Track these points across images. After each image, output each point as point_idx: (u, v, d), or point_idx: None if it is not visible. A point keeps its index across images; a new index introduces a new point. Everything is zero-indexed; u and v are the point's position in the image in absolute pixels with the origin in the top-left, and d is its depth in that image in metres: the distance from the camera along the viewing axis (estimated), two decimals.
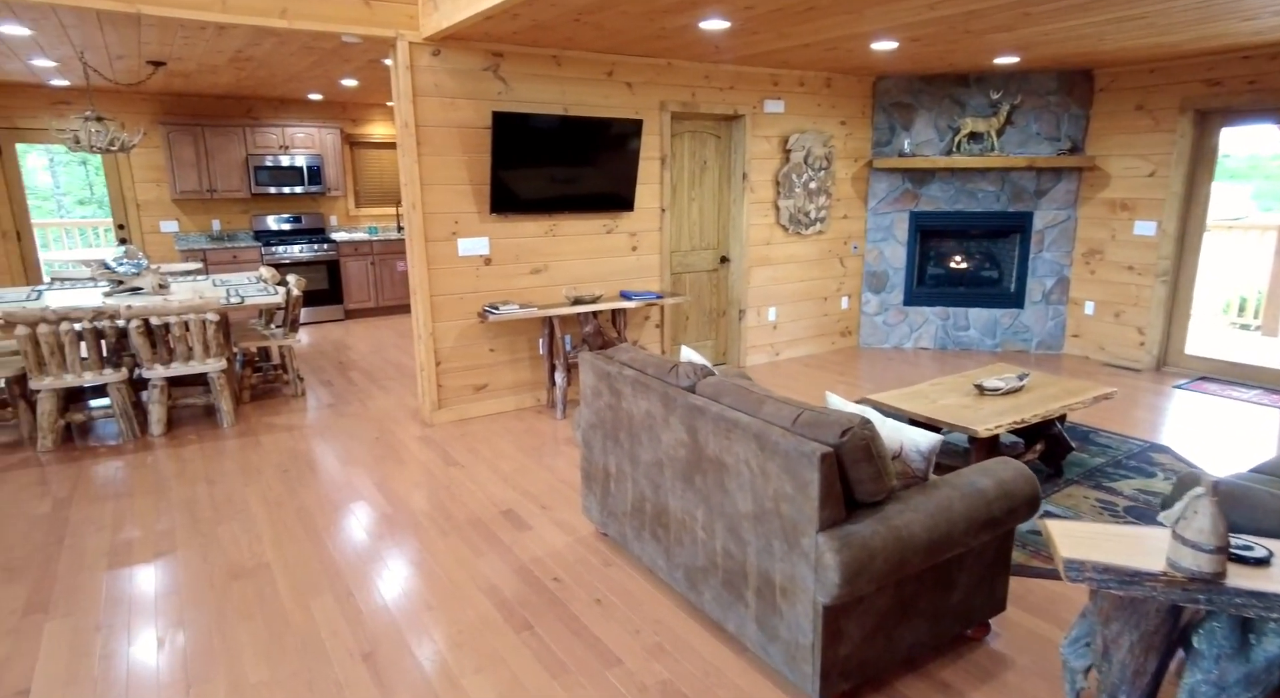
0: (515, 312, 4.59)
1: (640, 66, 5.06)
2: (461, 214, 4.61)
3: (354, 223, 8.67)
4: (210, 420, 4.85)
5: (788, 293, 6.23)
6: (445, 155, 4.49)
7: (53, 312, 4.11)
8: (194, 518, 3.43)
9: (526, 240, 4.88)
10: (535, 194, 4.76)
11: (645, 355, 2.86)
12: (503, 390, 4.98)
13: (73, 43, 4.57)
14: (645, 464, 2.71)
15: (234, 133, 7.51)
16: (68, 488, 3.79)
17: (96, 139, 4.95)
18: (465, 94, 4.48)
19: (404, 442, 4.44)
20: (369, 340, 7.22)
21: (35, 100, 6.80)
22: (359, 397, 5.37)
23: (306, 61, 5.30)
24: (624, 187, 5.09)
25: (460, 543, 3.18)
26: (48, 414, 4.26)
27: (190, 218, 7.69)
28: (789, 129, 5.89)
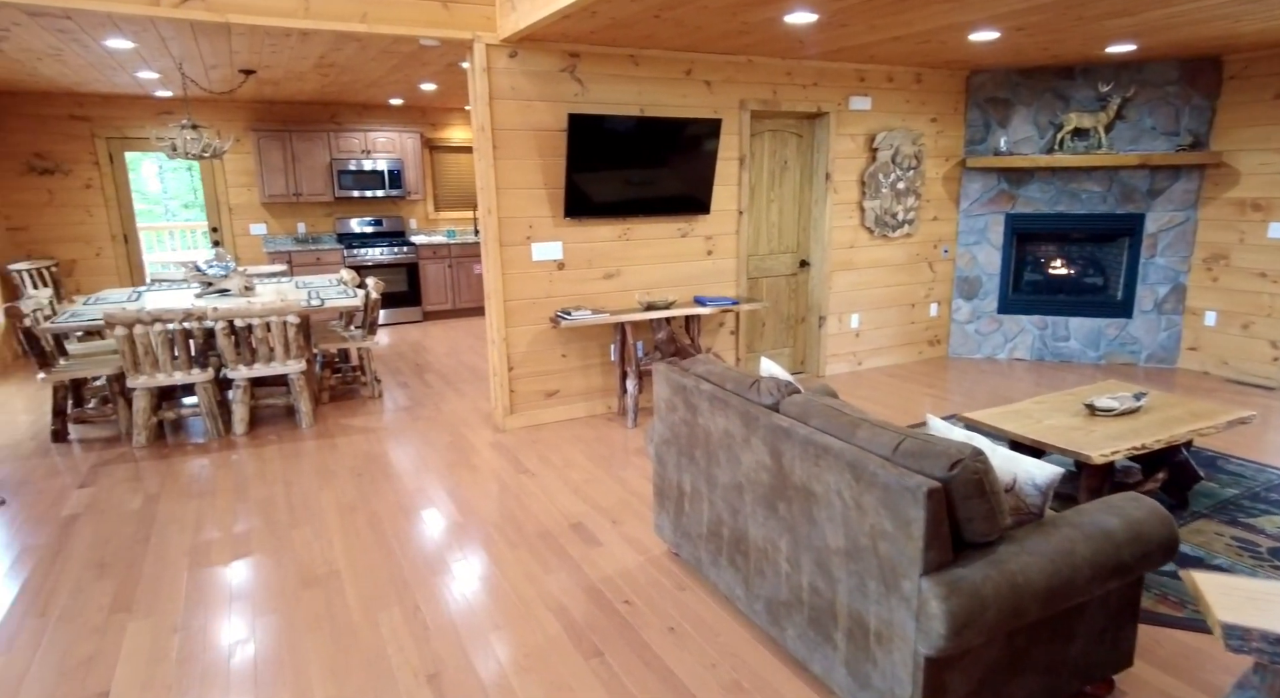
0: (587, 317, 4.49)
1: (719, 64, 4.89)
2: (536, 218, 4.55)
3: (433, 226, 8.81)
4: (290, 420, 4.95)
5: (872, 299, 5.93)
6: (520, 159, 4.43)
7: (147, 313, 4.25)
8: (270, 521, 3.46)
9: (599, 244, 4.77)
10: (609, 197, 4.65)
11: (723, 368, 2.70)
12: (574, 397, 4.89)
13: (171, 54, 4.74)
14: (723, 486, 2.54)
15: (319, 138, 7.73)
16: (157, 484, 3.91)
17: (191, 146, 5.13)
18: (541, 96, 4.41)
19: (476, 447, 4.40)
20: (445, 342, 7.29)
21: (142, 111, 7.16)
22: (434, 399, 5.39)
23: (386, 66, 5.36)
24: (700, 188, 4.92)
25: (529, 557, 3.09)
26: (142, 411, 4.42)
27: (278, 221, 7.96)
28: (876, 127, 5.59)
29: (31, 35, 4.23)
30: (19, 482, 3.96)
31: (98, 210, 7.18)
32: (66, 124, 6.93)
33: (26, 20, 3.89)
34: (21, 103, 6.75)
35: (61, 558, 3.13)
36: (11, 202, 6.87)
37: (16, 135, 6.79)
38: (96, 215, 7.18)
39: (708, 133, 4.79)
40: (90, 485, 3.88)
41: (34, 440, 4.58)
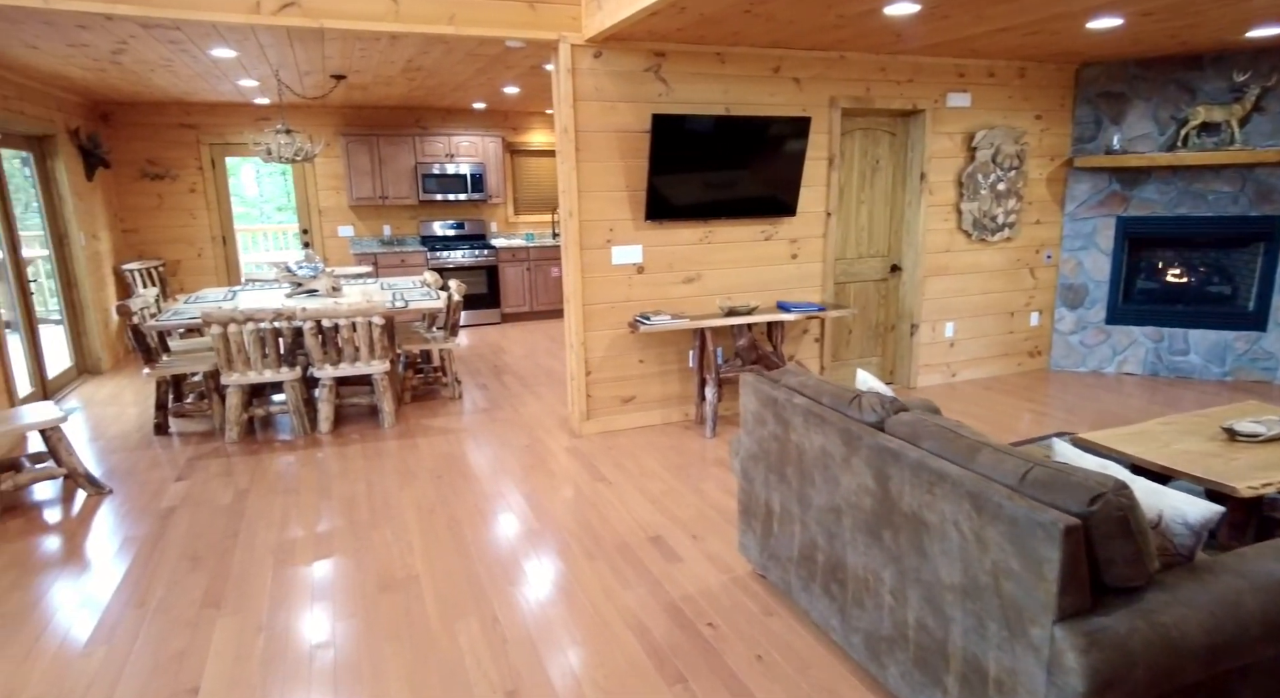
0: (667, 322, 4.38)
1: (809, 61, 4.69)
2: (616, 221, 4.46)
3: (512, 229, 8.89)
4: (373, 420, 5.03)
5: (968, 306, 5.59)
6: (603, 161, 4.36)
7: (240, 312, 4.39)
8: (352, 521, 3.48)
9: (680, 248, 4.65)
10: (691, 199, 4.53)
11: (817, 381, 2.52)
12: (650, 403, 4.79)
13: (269, 61, 4.90)
14: (818, 508, 2.37)
15: (405, 142, 7.91)
16: (247, 479, 4.01)
17: (284, 150, 5.29)
18: (625, 97, 4.33)
19: (553, 452, 4.35)
20: (523, 344, 7.32)
21: (242, 118, 7.49)
22: (511, 402, 5.38)
23: (471, 69, 5.39)
24: (786, 190, 4.73)
25: (607, 570, 2.99)
26: (234, 408, 4.56)
27: (364, 223, 8.19)
28: (975, 125, 5.27)
29: (146, 47, 4.44)
30: (125, 472, 4.14)
31: (200, 213, 7.55)
32: (175, 131, 7.31)
33: (141, 33, 4.07)
34: (138, 113, 7.16)
35: (159, 550, 3.22)
36: (127, 205, 7.30)
37: (133, 143, 7.20)
38: (199, 218, 7.55)
39: (796, 132, 4.60)
40: (186, 479, 4.01)
41: (139, 432, 4.80)
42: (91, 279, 6.28)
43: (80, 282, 6.11)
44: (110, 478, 4.06)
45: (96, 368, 6.31)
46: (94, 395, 5.69)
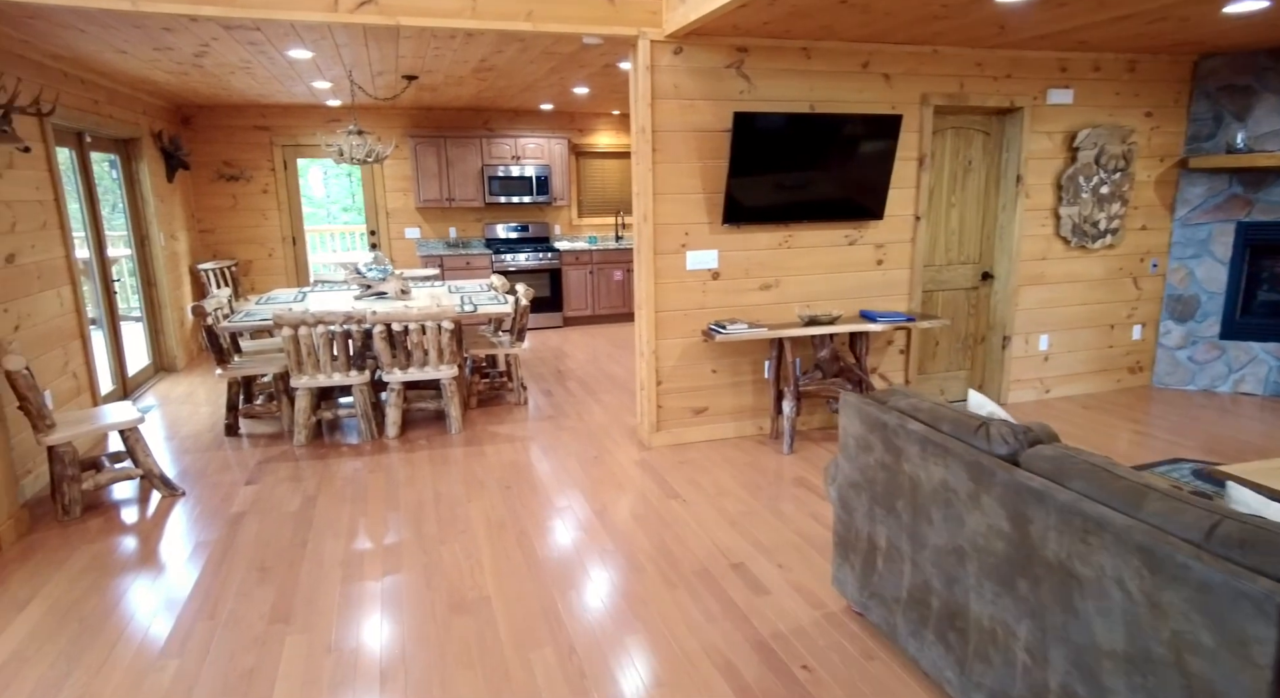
0: (744, 331, 4.16)
1: (900, 56, 4.41)
2: (692, 225, 4.27)
3: (575, 232, 8.79)
4: (440, 425, 4.95)
5: (1064, 318, 5.20)
6: (679, 162, 4.17)
7: (311, 315, 4.35)
8: (420, 534, 3.37)
9: (758, 253, 4.43)
10: (771, 202, 4.30)
11: (934, 405, 2.28)
12: (723, 415, 4.57)
13: (343, 62, 4.87)
14: (935, 548, 2.13)
15: (472, 144, 7.88)
16: (315, 484, 3.96)
17: (356, 151, 5.27)
18: (705, 95, 4.13)
19: (622, 465, 4.18)
20: (585, 349, 7.19)
21: (313, 119, 7.58)
22: (576, 408, 5.24)
23: (544, 68, 5.28)
24: (873, 192, 4.46)
25: (689, 599, 2.79)
26: (303, 411, 4.54)
27: (430, 225, 8.19)
28: (1077, 123, 4.89)
29: (226, 49, 4.45)
30: (197, 474, 4.14)
31: (271, 214, 7.66)
32: (250, 134, 7.44)
33: (223, 34, 4.07)
34: (216, 115, 7.31)
35: (229, 558, 3.17)
36: (204, 206, 7.46)
37: (210, 145, 7.35)
38: (271, 218, 7.67)
39: (886, 130, 4.32)
40: (255, 483, 3.98)
41: (211, 432, 4.83)
42: (169, 278, 6.41)
43: (159, 281, 6.23)
44: (183, 479, 4.06)
45: (172, 366, 6.44)
46: (169, 393, 5.79)
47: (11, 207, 3.94)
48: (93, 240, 5.28)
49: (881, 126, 4.31)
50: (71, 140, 5.09)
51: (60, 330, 4.39)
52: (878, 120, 4.29)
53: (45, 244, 4.29)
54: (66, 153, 5.09)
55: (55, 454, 3.51)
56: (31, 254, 4.11)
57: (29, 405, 3.42)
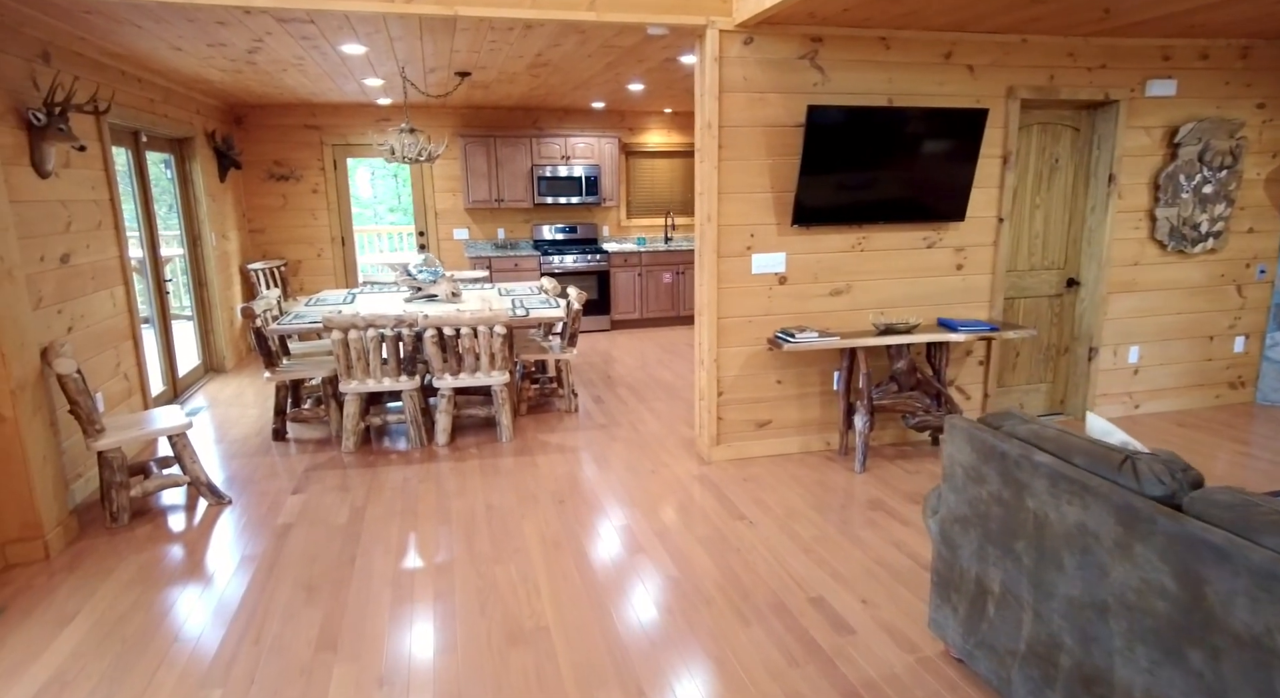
0: (814, 340, 3.89)
1: (986, 45, 4.09)
2: (759, 227, 4.02)
3: (624, 233, 8.59)
4: (489, 432, 4.78)
5: (1157, 328, 4.81)
6: (747, 159, 3.92)
7: (361, 318, 4.22)
8: (472, 552, 3.19)
9: (828, 256, 4.15)
10: (845, 202, 4.02)
11: (1061, 433, 1.99)
12: (787, 429, 4.30)
13: (396, 57, 4.74)
14: (1067, 599, 1.84)
15: (521, 144, 7.73)
16: (363, 494, 3.81)
17: (409, 150, 5.14)
18: (776, 87, 3.88)
19: (681, 480, 3.94)
20: (634, 353, 6.98)
21: (364, 119, 7.52)
22: (629, 417, 5.02)
23: (600, 63, 5.08)
24: (955, 192, 4.15)
25: (766, 639, 2.55)
26: (352, 417, 4.41)
27: (479, 226, 8.08)
28: (1179, 117, 4.50)
29: (280, 45, 4.35)
30: (245, 480, 4.03)
31: (321, 214, 7.62)
32: (301, 133, 7.41)
33: (276, 28, 3.96)
34: (267, 115, 7.29)
35: (275, 574, 3.03)
36: (254, 206, 7.45)
37: (261, 145, 7.34)
38: (320, 218, 7.63)
39: (970, 126, 4.01)
40: (302, 492, 3.85)
41: (258, 436, 4.74)
42: (220, 278, 6.38)
43: (210, 281, 6.21)
44: (230, 485, 3.96)
45: (221, 367, 6.41)
46: (218, 395, 5.74)
47: (67, 206, 3.89)
48: (146, 240, 5.25)
49: (965, 121, 4.00)
50: (128, 140, 5.06)
51: (113, 331, 4.33)
52: (961, 115, 3.98)
53: (100, 244, 4.24)
54: (123, 152, 5.06)
55: (104, 460, 3.42)
56: (86, 254, 4.06)
57: (79, 410, 3.33)
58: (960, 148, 4.06)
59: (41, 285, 3.56)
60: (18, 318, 3.12)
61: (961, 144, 4.05)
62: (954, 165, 4.09)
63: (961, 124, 4.01)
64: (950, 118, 3.98)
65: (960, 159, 4.08)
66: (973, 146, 4.07)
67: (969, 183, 4.14)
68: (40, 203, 3.62)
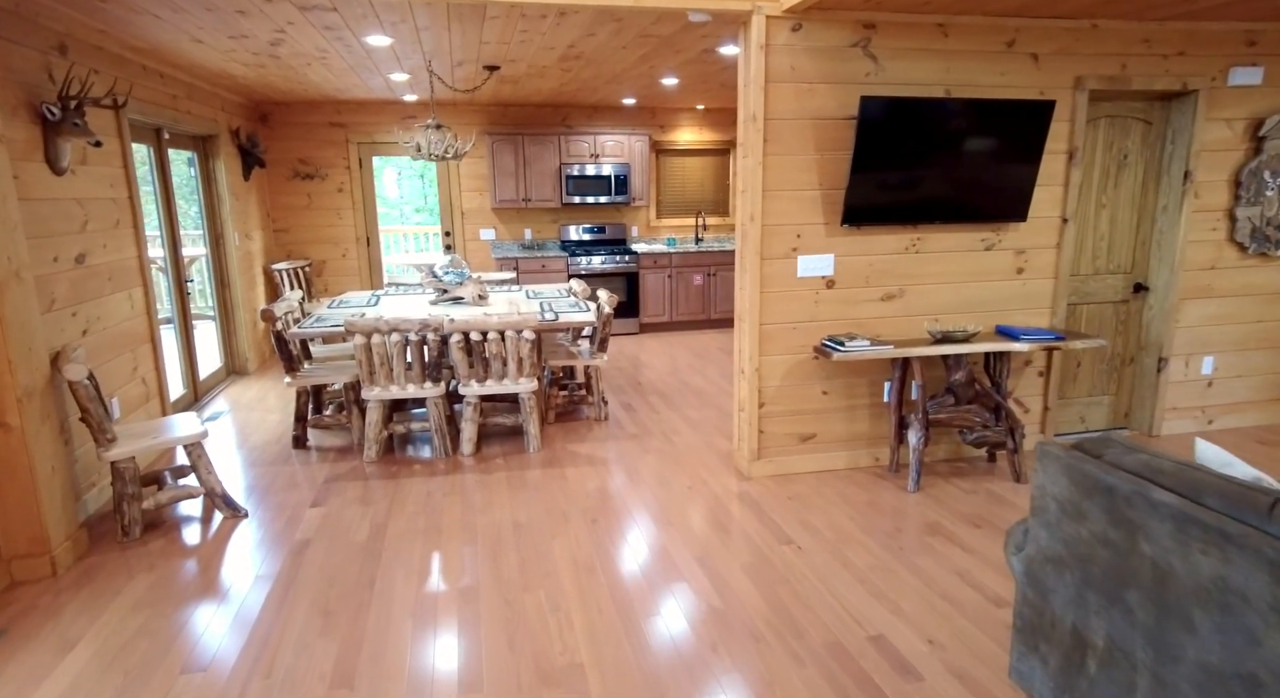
0: (867, 349, 3.62)
1: (1053, 32, 3.79)
2: (805, 227, 3.76)
3: (653, 234, 8.35)
4: (516, 441, 4.57)
5: (1235, 337, 4.46)
6: (794, 155, 3.66)
7: (385, 322, 4.03)
8: (499, 576, 2.97)
9: (880, 258, 3.88)
10: (898, 200, 3.74)
11: (1182, 466, 1.71)
12: (833, 443, 4.04)
13: (423, 49, 4.55)
14: (1200, 665, 1.57)
15: (549, 142, 7.53)
16: (384, 508, 3.61)
17: (435, 147, 4.95)
18: (825, 77, 3.61)
19: (721, 499, 3.69)
20: (663, 358, 6.74)
21: (388, 116, 7.37)
22: (661, 427, 4.78)
23: (634, 55, 4.84)
24: (1017, 190, 3.85)
25: (824, 684, 2.29)
26: (374, 425, 4.22)
27: (505, 226, 7.89)
28: (1264, 108, 4.15)
29: (303, 36, 4.18)
30: (263, 491, 3.86)
31: (346, 213, 7.49)
32: (326, 131, 7.27)
33: (299, 18, 3.78)
34: (292, 112, 7.17)
35: (290, 597, 2.83)
36: (279, 205, 7.33)
37: (286, 143, 7.22)
38: (345, 218, 7.49)
39: (1035, 119, 3.71)
40: (322, 505, 3.67)
41: (278, 444, 4.58)
42: (243, 279, 6.25)
43: (233, 281, 6.08)
44: (248, 496, 3.79)
45: (243, 369, 6.29)
46: (240, 398, 5.60)
47: (84, 204, 3.74)
48: (168, 240, 5.12)
49: (1030, 114, 3.70)
50: (150, 137, 4.93)
51: (130, 334, 4.19)
52: (1026, 107, 3.68)
53: (117, 244, 4.10)
54: (145, 149, 4.93)
55: (116, 470, 3.26)
56: (103, 254, 3.92)
57: (90, 418, 3.17)
58: (1024, 143, 3.76)
59: (54, 287, 3.41)
60: (26, 322, 2.97)
61: (1025, 139, 3.75)
62: (1016, 162, 3.79)
63: (1026, 117, 3.71)
64: (1014, 110, 3.68)
65: (1023, 155, 3.78)
66: (1037, 142, 3.76)
67: (1032, 181, 3.84)
68: (55, 201, 3.48)
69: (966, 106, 3.64)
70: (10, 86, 3.20)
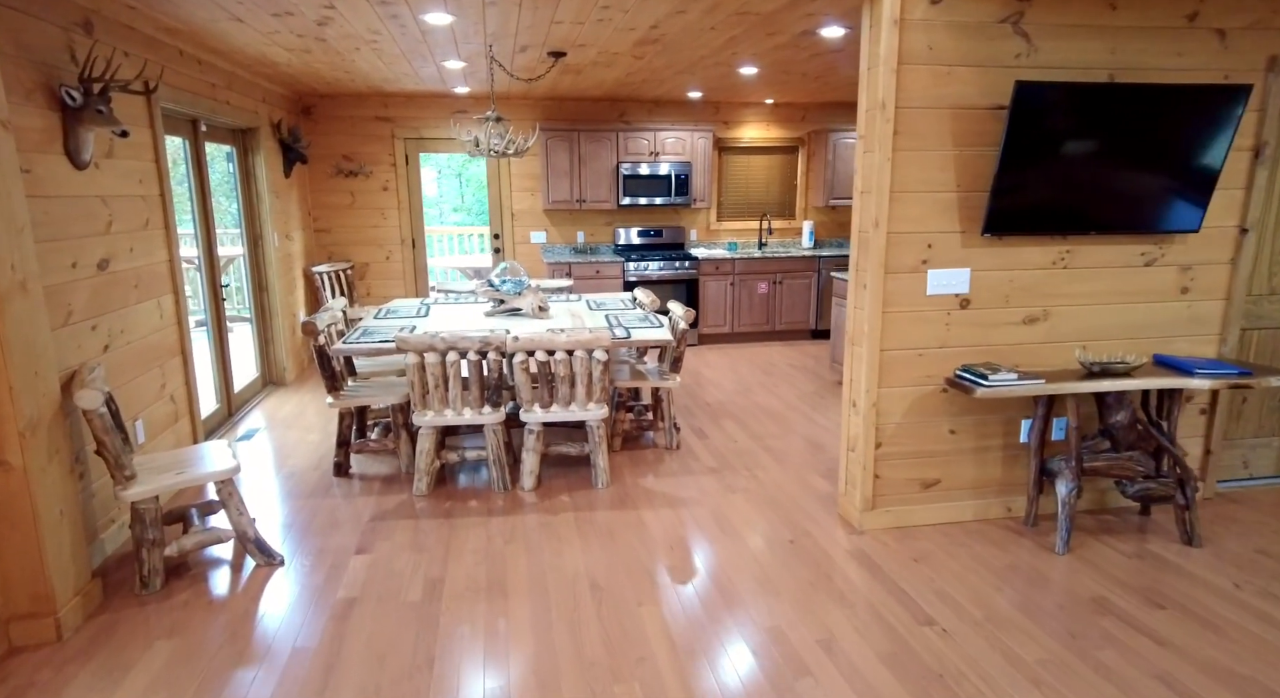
0: (1018, 385, 3.02)
1: (1248, 2, 3.15)
2: (938, 235, 3.17)
3: (713, 237, 7.79)
4: (580, 472, 4.05)
5: None
6: (927, 150, 3.08)
7: (441, 339, 3.53)
8: (581, 658, 2.44)
9: (1023, 274, 3.28)
10: (1051, 205, 3.14)
11: None
12: (960, 490, 3.44)
13: (486, 30, 4.05)
14: None
15: (606, 139, 7.01)
16: (440, 558, 3.11)
17: (494, 141, 4.45)
18: (967, 59, 3.03)
19: (832, 558, 3.12)
20: (729, 374, 6.17)
21: (438, 110, 6.91)
22: (744, 461, 4.22)
23: (721, 38, 4.29)
24: (1192, 195, 3.22)
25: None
26: (426, 454, 3.73)
27: (557, 229, 7.39)
28: None
29: (354, 14, 3.70)
30: (301, 530, 3.39)
31: (391, 213, 7.05)
32: (372, 125, 6.85)
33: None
34: (337, 105, 6.75)
35: (334, 681, 2.33)
36: (321, 203, 6.92)
37: (330, 138, 6.81)
38: (390, 218, 7.06)
39: (1224, 108, 3.08)
40: (368, 552, 3.18)
41: (317, 470, 4.11)
42: (282, 282, 5.84)
43: (270, 285, 5.66)
44: (285, 535, 3.32)
45: (281, 379, 5.87)
46: (277, 413, 5.17)
47: (108, 203, 3.31)
48: (203, 241, 4.71)
49: (1218, 102, 3.07)
50: (186, 129, 4.51)
51: (158, 347, 3.75)
52: (1214, 93, 3.05)
53: (146, 247, 3.66)
54: (179, 142, 4.52)
55: (136, 513, 2.80)
56: (129, 259, 3.48)
57: (106, 451, 2.71)
58: (1206, 138, 3.13)
59: (72, 297, 2.97)
60: (33, 341, 2.51)
61: (1208, 133, 3.12)
62: (1194, 161, 3.16)
63: (1211, 106, 3.07)
64: (1197, 97, 3.05)
65: (1204, 152, 3.15)
66: (1223, 136, 3.13)
67: (1212, 184, 3.21)
68: (74, 199, 3.04)
69: (1141, 93, 3.02)
70: (24, 66, 2.76)
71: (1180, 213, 3.25)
